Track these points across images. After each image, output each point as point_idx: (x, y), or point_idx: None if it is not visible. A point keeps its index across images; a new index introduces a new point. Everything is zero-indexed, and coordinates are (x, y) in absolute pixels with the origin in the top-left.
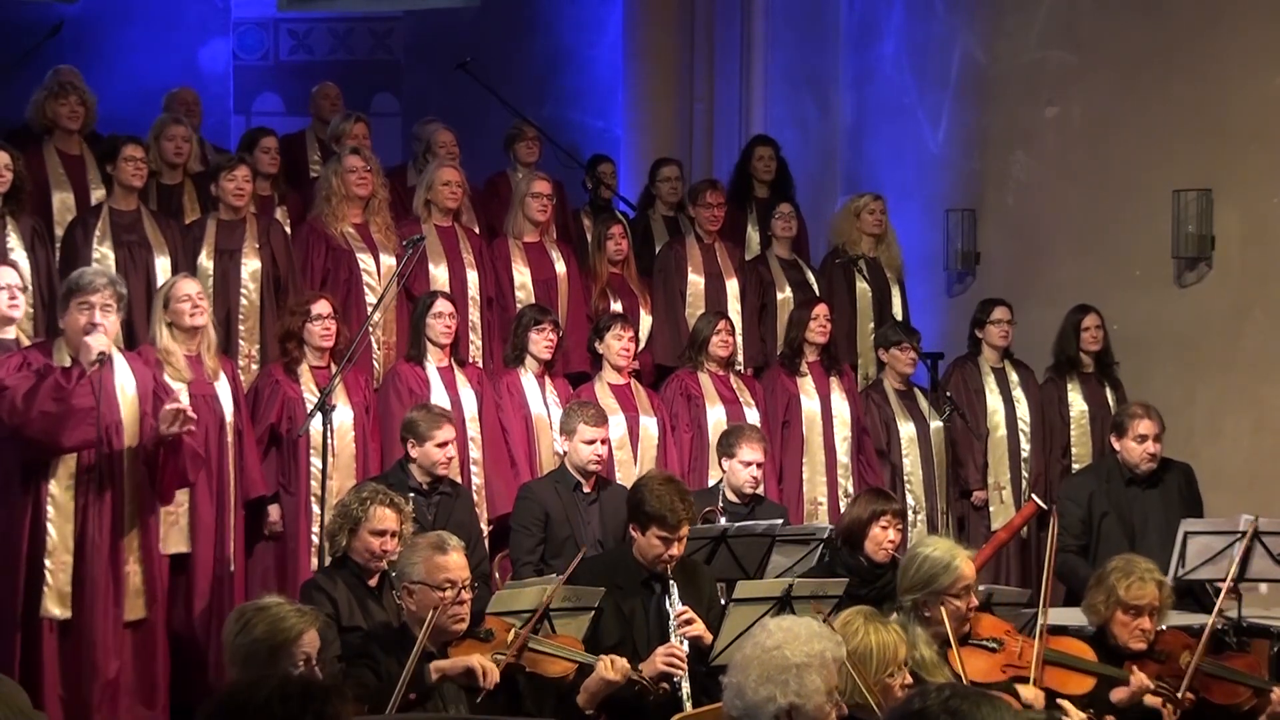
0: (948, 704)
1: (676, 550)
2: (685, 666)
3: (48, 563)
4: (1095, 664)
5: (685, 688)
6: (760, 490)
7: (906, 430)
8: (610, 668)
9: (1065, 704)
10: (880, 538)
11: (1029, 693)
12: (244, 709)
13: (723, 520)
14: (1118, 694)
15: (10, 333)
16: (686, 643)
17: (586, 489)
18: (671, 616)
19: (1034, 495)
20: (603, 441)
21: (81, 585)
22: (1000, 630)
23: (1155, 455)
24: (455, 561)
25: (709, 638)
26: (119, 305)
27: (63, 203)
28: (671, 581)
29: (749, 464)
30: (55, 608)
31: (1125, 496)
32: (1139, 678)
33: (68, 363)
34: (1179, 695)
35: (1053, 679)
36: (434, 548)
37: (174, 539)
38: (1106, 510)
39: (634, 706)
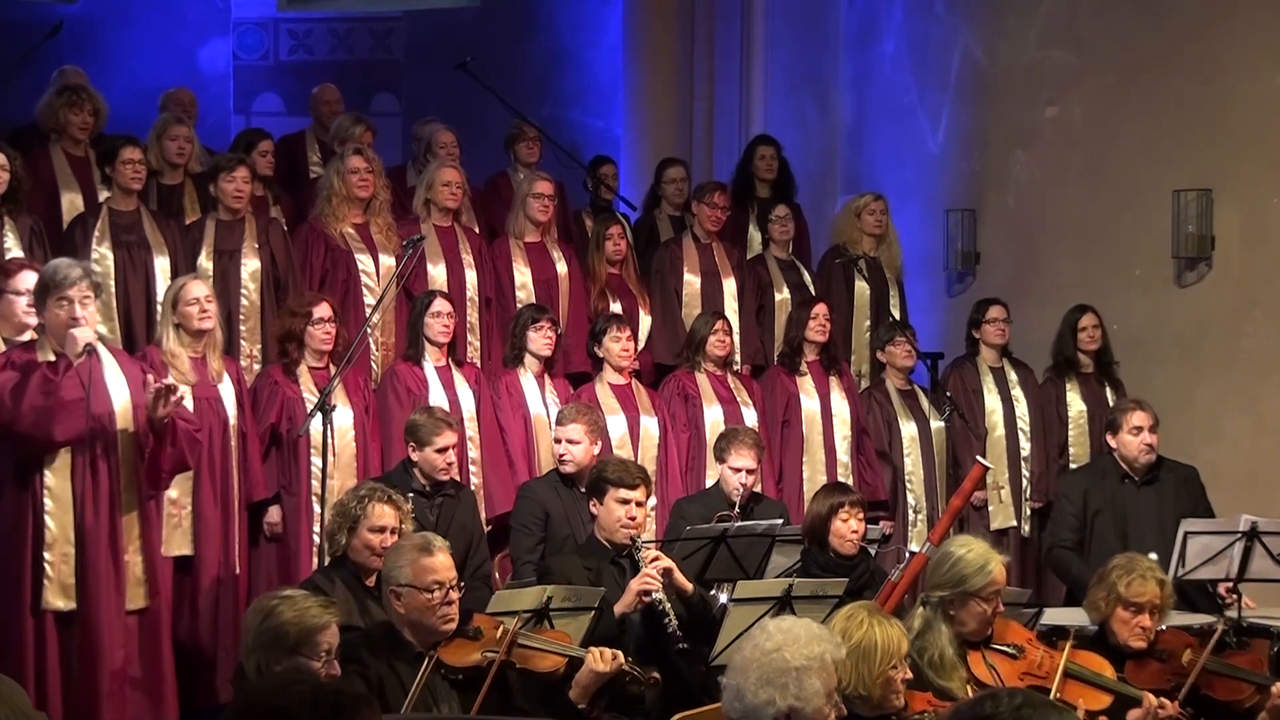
0: (1019, 712)
1: (639, 514)
2: (660, 585)
3: (48, 555)
4: (1114, 682)
5: (668, 607)
6: (758, 489)
7: (908, 430)
8: (599, 659)
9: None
10: (843, 530)
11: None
12: (274, 713)
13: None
14: (1134, 714)
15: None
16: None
17: (585, 488)
18: (641, 562)
19: (979, 458)
20: (568, 441)
21: (84, 576)
22: (1022, 638)
23: (1153, 446)
24: (441, 562)
25: (686, 583)
26: (96, 294)
27: (71, 203)
28: (636, 538)
29: (738, 470)
30: (59, 600)
31: (1120, 494)
32: (1150, 700)
33: (52, 359)
34: (1179, 699)
35: (1071, 693)
36: (419, 549)
37: (176, 541)
38: (1100, 508)
39: (630, 698)
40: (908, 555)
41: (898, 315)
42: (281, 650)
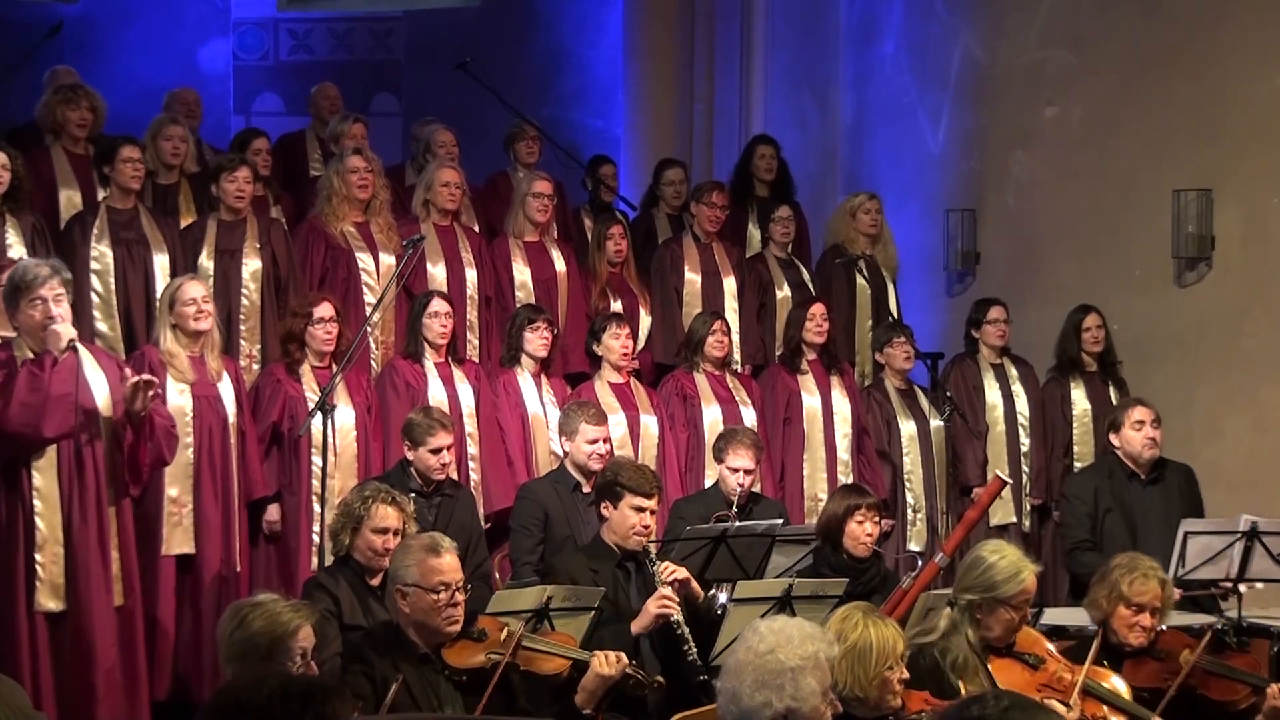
0: (1007, 714)
1: (650, 521)
2: (677, 607)
3: (39, 556)
4: (1130, 704)
5: (687, 633)
6: (757, 488)
7: (907, 429)
8: (605, 663)
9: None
10: (858, 533)
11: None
12: (244, 709)
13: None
14: None
15: None
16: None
17: (586, 489)
18: (657, 576)
19: (997, 472)
20: (604, 440)
21: (74, 575)
22: (1042, 648)
23: (1156, 440)
24: (449, 563)
25: (699, 590)
26: (68, 290)
27: (69, 200)
28: (650, 547)
29: (736, 470)
30: (50, 601)
31: (1127, 492)
32: None
33: (31, 357)
34: (1168, 697)
35: (1088, 711)
36: (427, 550)
37: (178, 540)
38: (1110, 506)
39: (632, 699)
40: (919, 563)
41: (895, 315)
42: (255, 659)
